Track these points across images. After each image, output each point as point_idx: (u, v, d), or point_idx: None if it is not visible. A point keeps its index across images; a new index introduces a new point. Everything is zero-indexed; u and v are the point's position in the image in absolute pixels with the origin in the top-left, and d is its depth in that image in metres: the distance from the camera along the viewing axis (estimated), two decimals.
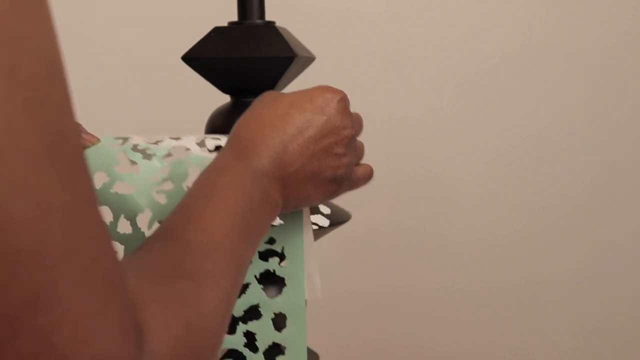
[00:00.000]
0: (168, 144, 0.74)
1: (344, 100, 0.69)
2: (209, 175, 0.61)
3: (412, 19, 1.61)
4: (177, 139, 0.75)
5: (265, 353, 0.75)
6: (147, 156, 0.73)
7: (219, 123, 0.99)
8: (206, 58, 0.97)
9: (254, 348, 0.75)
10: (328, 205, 1.03)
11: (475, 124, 1.63)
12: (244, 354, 0.77)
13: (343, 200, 1.76)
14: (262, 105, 0.68)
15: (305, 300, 0.74)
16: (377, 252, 1.67)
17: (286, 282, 0.73)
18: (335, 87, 0.73)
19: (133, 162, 0.73)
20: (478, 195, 1.65)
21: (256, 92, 1.00)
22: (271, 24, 1.00)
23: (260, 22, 1.00)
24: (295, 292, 0.73)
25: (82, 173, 0.38)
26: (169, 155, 0.74)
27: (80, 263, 0.36)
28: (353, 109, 0.74)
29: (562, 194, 1.64)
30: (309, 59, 1.01)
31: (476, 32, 1.61)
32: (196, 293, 0.49)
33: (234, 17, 1.04)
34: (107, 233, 0.40)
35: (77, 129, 0.39)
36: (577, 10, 1.60)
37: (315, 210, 0.99)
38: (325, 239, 1.72)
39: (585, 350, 1.68)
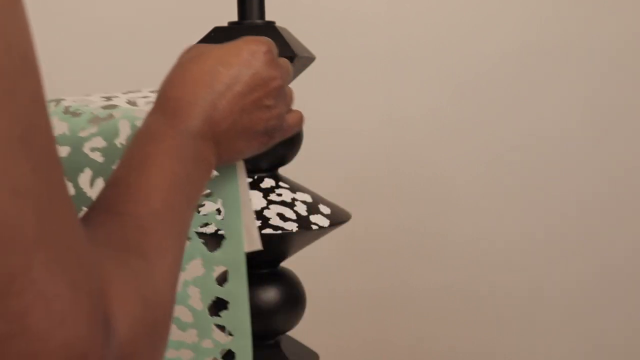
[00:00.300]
0: (99, 104, 0.75)
1: (270, 52, 0.67)
2: (142, 143, 0.60)
3: (412, 19, 1.61)
4: (108, 98, 0.76)
5: (210, 309, 0.74)
6: (76, 115, 0.74)
7: None
8: None
9: (198, 304, 0.75)
10: (328, 205, 1.03)
11: (475, 123, 1.63)
12: (190, 310, 0.77)
13: (343, 201, 1.75)
14: (188, 61, 0.67)
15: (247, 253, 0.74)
16: (377, 252, 1.67)
17: (225, 234, 0.73)
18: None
19: (63, 123, 0.75)
20: (478, 195, 1.65)
21: None
22: (271, 24, 1.00)
23: (260, 22, 1.00)
24: (234, 244, 0.73)
25: (54, 162, 0.39)
26: (98, 112, 0.75)
27: (53, 247, 0.38)
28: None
29: (562, 193, 1.65)
30: (309, 59, 1.01)
31: (476, 32, 1.61)
32: (147, 268, 0.50)
33: (234, 17, 1.04)
34: (78, 219, 0.41)
35: (50, 120, 0.40)
36: (577, 10, 1.60)
37: (316, 211, 0.99)
38: (325, 239, 1.72)
39: (585, 350, 1.68)
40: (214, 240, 0.95)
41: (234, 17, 1.54)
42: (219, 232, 0.93)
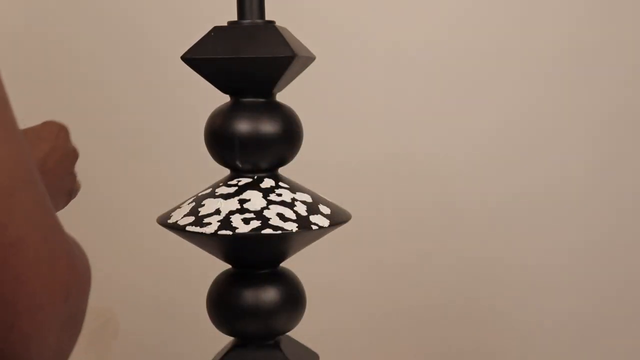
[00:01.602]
0: None
1: (67, 131, 0.86)
2: None
3: (413, 18, 1.61)
4: None
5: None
6: None
7: (219, 123, 0.99)
8: (206, 58, 0.97)
9: None
10: (328, 205, 1.03)
11: (476, 121, 1.62)
12: None
13: (343, 201, 1.75)
14: None
15: None
16: (378, 253, 1.67)
17: None
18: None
19: None
20: (478, 195, 1.65)
21: (256, 92, 1.00)
22: (271, 23, 1.00)
23: (260, 22, 1.00)
24: None
25: (26, 144, 0.51)
26: None
27: (39, 187, 0.49)
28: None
29: (562, 184, 1.64)
30: (309, 59, 1.01)
31: (476, 31, 1.61)
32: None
33: (234, 17, 1.04)
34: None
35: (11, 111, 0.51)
36: (574, 8, 1.60)
37: (316, 211, 0.99)
38: (326, 239, 1.72)
39: (585, 348, 1.68)
40: (213, 241, 0.95)
41: (234, 17, 1.54)
42: (219, 233, 0.93)
